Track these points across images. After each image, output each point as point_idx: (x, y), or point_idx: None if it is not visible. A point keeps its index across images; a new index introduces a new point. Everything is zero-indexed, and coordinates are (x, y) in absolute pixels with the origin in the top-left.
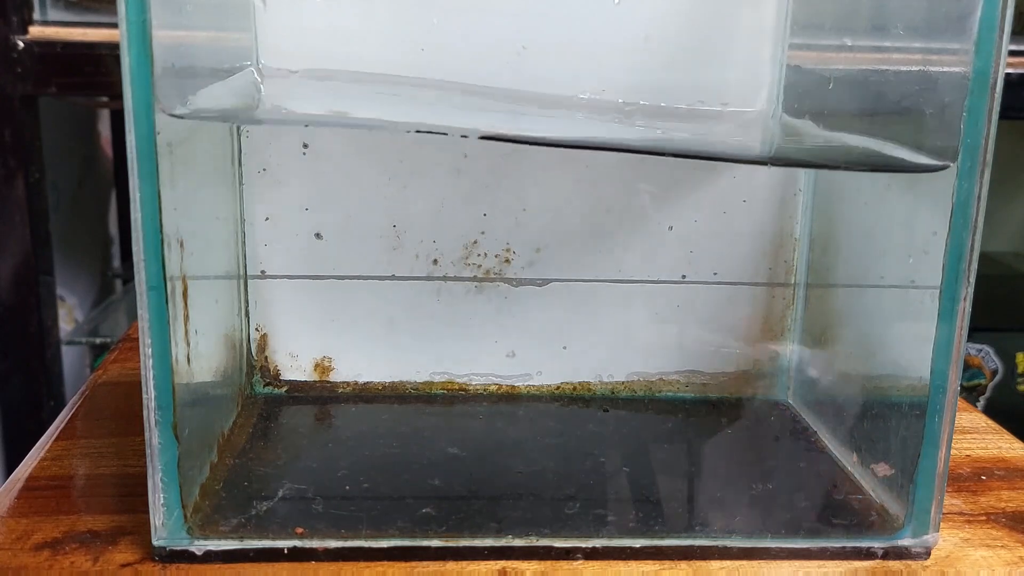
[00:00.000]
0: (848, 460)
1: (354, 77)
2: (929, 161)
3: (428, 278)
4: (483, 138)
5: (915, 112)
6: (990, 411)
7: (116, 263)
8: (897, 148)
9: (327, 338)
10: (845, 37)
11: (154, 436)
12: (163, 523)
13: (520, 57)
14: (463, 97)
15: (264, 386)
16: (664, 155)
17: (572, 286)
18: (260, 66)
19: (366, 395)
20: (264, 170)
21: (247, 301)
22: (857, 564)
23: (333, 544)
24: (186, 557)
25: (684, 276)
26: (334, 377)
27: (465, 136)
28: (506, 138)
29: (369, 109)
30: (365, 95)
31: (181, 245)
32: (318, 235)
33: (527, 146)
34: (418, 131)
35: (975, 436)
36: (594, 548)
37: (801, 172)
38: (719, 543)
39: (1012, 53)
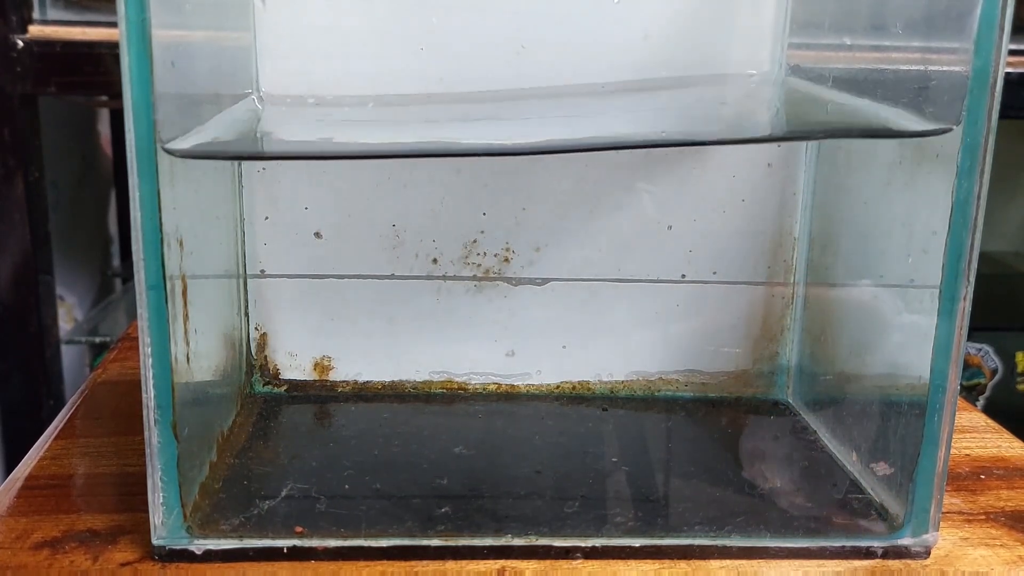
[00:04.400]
0: (848, 459)
1: (343, 101)
2: (932, 125)
3: (428, 277)
4: (477, 155)
5: (915, 111)
6: (990, 410)
7: (116, 262)
8: (901, 115)
9: (327, 337)
10: (844, 36)
11: (153, 435)
12: (162, 522)
13: (520, 56)
14: (462, 106)
15: (263, 385)
16: (661, 146)
17: (571, 285)
18: (259, 71)
19: (365, 394)
20: (264, 169)
21: (247, 300)
22: (857, 563)
23: (332, 543)
24: (185, 556)
25: (683, 275)
26: (333, 376)
27: (462, 155)
28: (502, 152)
29: (367, 127)
30: (364, 109)
31: (180, 244)
32: (318, 234)
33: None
34: (415, 155)
35: (974, 435)
36: (593, 547)
37: (800, 172)
38: (719, 542)
39: (1012, 52)
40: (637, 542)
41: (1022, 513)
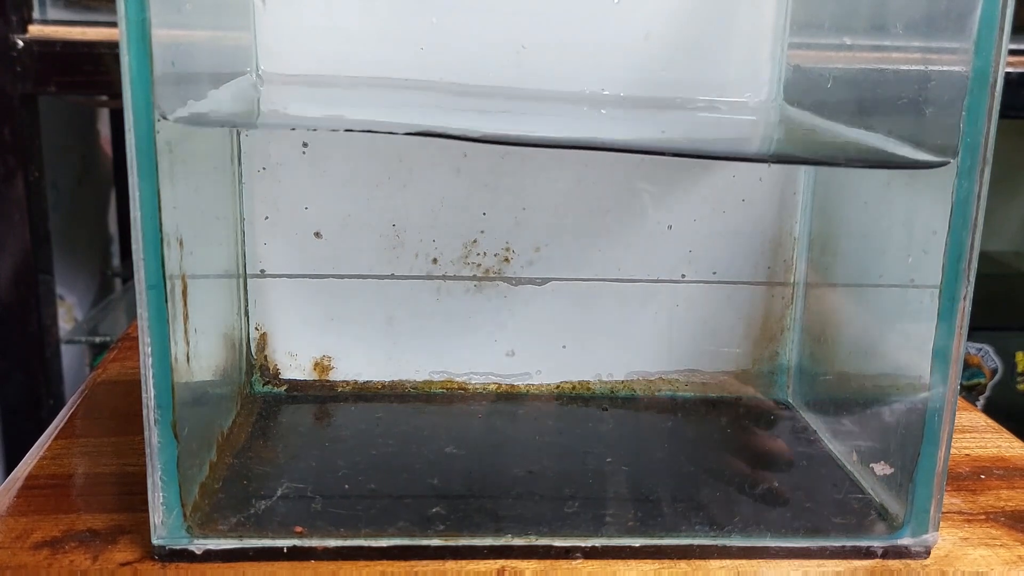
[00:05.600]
0: (848, 459)
1: (353, 82)
2: (929, 157)
3: (428, 277)
4: (479, 141)
5: (915, 110)
6: (989, 410)
7: (115, 262)
8: (898, 144)
9: (326, 337)
10: (844, 36)
11: (153, 435)
12: (162, 522)
13: (520, 56)
14: (462, 98)
15: (263, 385)
16: (663, 154)
17: (571, 285)
18: (259, 69)
19: (365, 394)
20: (264, 169)
21: (246, 300)
22: (857, 563)
23: (332, 543)
24: (185, 556)
25: (683, 275)
26: (333, 376)
27: (463, 139)
28: (504, 141)
29: (367, 112)
30: (363, 97)
31: (180, 244)
32: (318, 234)
33: (526, 145)
34: (415, 134)
35: (974, 435)
36: (593, 547)
37: (800, 172)
38: (718, 542)
39: (1012, 52)
40: (637, 542)
41: (1022, 513)
